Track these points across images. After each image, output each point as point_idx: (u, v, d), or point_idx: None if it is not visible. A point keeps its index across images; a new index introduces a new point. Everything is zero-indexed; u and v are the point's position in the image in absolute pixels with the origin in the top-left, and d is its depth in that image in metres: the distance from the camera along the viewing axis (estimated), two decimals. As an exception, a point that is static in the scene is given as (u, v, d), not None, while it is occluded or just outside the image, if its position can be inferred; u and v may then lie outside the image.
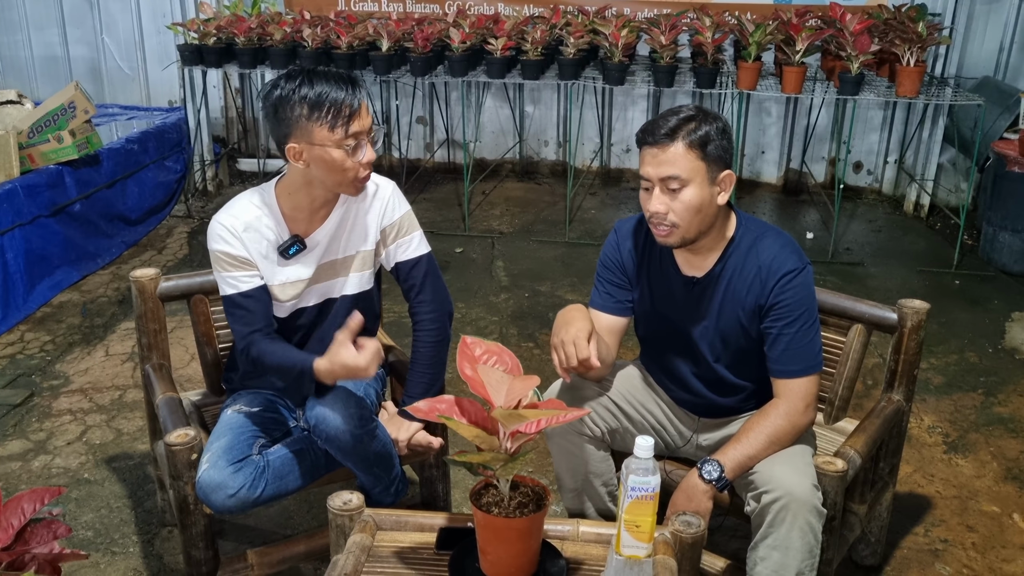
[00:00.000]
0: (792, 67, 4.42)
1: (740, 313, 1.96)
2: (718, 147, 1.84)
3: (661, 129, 1.83)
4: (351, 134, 1.88)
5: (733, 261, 1.96)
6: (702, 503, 1.87)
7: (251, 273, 1.99)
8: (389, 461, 2.05)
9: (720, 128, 1.85)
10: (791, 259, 1.92)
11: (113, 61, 5.85)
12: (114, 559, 2.44)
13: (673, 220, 1.86)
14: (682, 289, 2.02)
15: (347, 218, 2.06)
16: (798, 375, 1.93)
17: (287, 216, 2.01)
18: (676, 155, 1.82)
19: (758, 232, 1.97)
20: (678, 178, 1.83)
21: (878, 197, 5.62)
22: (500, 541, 1.54)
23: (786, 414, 1.92)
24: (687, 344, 2.06)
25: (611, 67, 4.62)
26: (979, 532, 2.60)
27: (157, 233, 4.96)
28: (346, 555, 1.65)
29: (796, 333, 1.92)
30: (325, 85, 1.87)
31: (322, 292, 2.10)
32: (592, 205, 5.48)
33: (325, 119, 1.86)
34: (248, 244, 1.98)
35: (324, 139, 1.87)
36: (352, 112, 1.87)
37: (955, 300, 4.18)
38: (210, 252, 2.00)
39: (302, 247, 2.01)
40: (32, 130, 4.11)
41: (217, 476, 1.89)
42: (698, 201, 1.85)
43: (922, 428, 3.12)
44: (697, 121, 1.83)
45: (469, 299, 4.07)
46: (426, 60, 4.76)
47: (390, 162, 6.05)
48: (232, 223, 1.97)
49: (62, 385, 3.33)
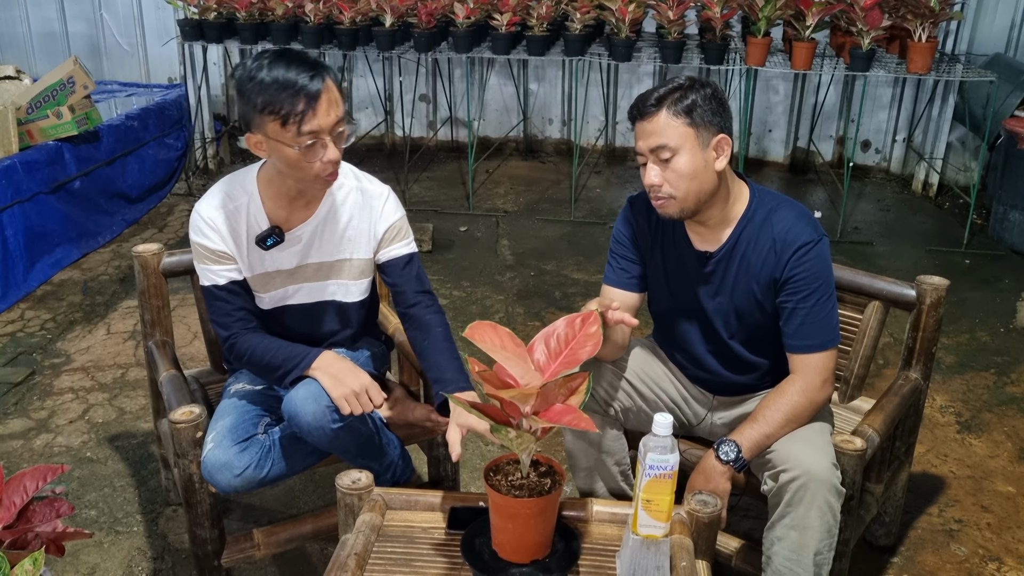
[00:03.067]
0: (802, 43, 4.35)
1: (755, 287, 1.92)
2: (705, 111, 1.80)
3: (648, 101, 1.81)
4: (305, 132, 1.71)
5: (747, 234, 1.91)
6: (720, 484, 1.84)
7: (229, 267, 1.92)
8: (378, 449, 1.99)
9: (708, 94, 1.81)
10: (806, 231, 1.88)
11: (112, 37, 5.77)
12: (118, 538, 2.41)
13: (669, 191, 1.83)
14: (695, 264, 1.97)
15: (336, 219, 1.95)
16: (814, 350, 1.89)
17: (267, 205, 1.91)
18: (662, 124, 1.79)
19: (772, 204, 1.93)
20: (667, 147, 1.80)
21: (886, 176, 5.57)
22: (514, 521, 1.51)
23: (803, 391, 1.88)
24: (701, 320, 2.02)
25: (617, 43, 4.56)
26: (994, 512, 2.57)
27: (158, 211, 4.91)
28: (356, 534, 1.62)
29: (812, 307, 1.88)
30: (284, 73, 1.68)
31: (311, 293, 2.01)
32: (597, 184, 5.43)
33: (277, 113, 1.69)
34: (227, 236, 1.89)
35: (277, 135, 1.72)
36: (307, 107, 1.69)
37: (965, 280, 4.14)
38: (191, 242, 1.94)
39: (279, 239, 1.91)
40: (31, 105, 4.05)
41: (223, 456, 1.85)
42: (691, 168, 1.81)
43: (935, 408, 3.08)
44: (683, 89, 1.80)
45: (474, 278, 4.02)
46: (430, 36, 4.69)
47: (392, 140, 5.99)
48: (211, 215, 1.89)
49: (63, 363, 3.29)
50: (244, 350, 1.92)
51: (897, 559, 2.38)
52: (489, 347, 1.46)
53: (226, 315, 1.94)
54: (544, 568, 1.52)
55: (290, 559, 2.33)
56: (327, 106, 1.72)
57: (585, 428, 1.41)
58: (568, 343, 1.53)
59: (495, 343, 1.48)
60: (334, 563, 1.56)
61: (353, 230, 1.98)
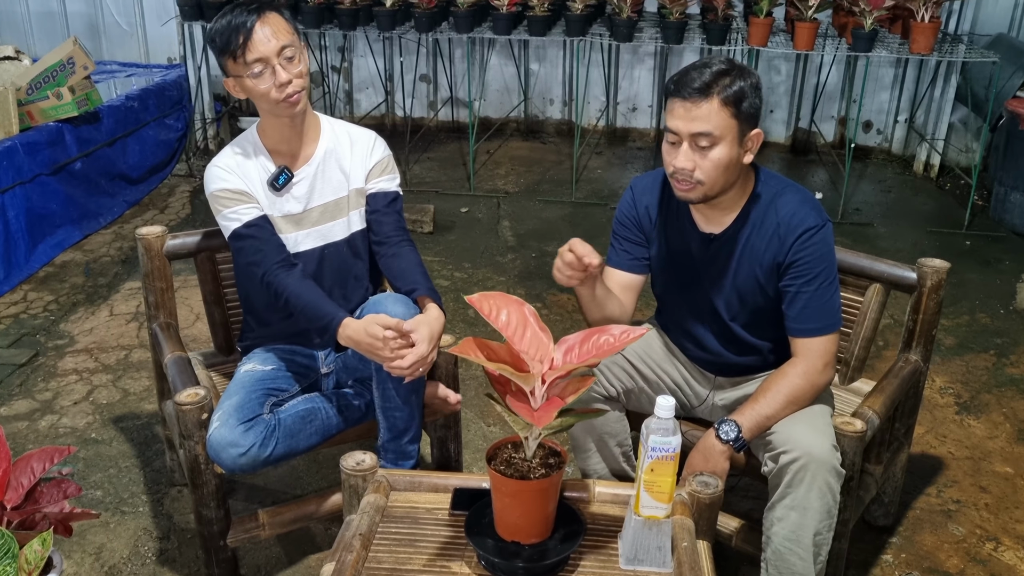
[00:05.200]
0: (804, 23, 4.33)
1: (758, 270, 1.93)
2: (751, 104, 1.79)
3: (695, 82, 1.76)
4: (252, 61, 1.90)
5: (752, 217, 1.92)
6: (719, 463, 1.85)
7: (252, 204, 2.02)
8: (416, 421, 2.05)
9: (754, 84, 1.79)
10: (811, 216, 1.88)
11: (111, 16, 5.74)
12: (124, 519, 2.43)
13: (699, 177, 1.81)
14: (700, 246, 1.98)
15: (333, 158, 2.09)
16: (816, 334, 1.90)
17: (271, 151, 2.05)
18: (710, 111, 1.76)
19: (778, 188, 1.93)
20: (710, 135, 1.77)
21: (887, 157, 5.56)
22: (516, 502, 1.52)
23: (804, 373, 1.89)
24: (704, 302, 2.03)
25: (619, 23, 4.54)
26: (992, 493, 2.59)
27: (159, 192, 4.91)
28: (360, 515, 1.63)
29: (815, 291, 1.89)
30: (229, 16, 1.91)
31: (320, 236, 2.10)
32: (598, 165, 5.42)
33: (227, 50, 1.91)
34: (244, 178, 2.02)
35: (235, 69, 1.93)
36: (246, 39, 1.88)
37: (966, 261, 4.14)
38: (208, 197, 2.03)
39: (290, 176, 2.05)
40: (31, 86, 4.04)
41: (228, 434, 1.87)
42: (727, 160, 1.80)
43: (934, 389, 3.10)
44: (732, 76, 1.77)
45: (476, 259, 4.03)
46: (431, 16, 4.67)
47: (393, 120, 5.98)
48: (225, 161, 2.04)
49: (67, 345, 3.31)
50: (283, 287, 1.98)
51: (896, 539, 2.40)
52: (506, 324, 1.47)
53: (257, 251, 2.00)
54: (546, 549, 1.53)
55: (295, 539, 2.35)
56: (265, 35, 1.90)
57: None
58: (600, 350, 1.51)
59: (519, 319, 1.48)
60: (339, 543, 1.58)
61: (349, 164, 2.11)
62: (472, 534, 1.57)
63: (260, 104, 1.98)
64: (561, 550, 1.54)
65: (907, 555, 2.35)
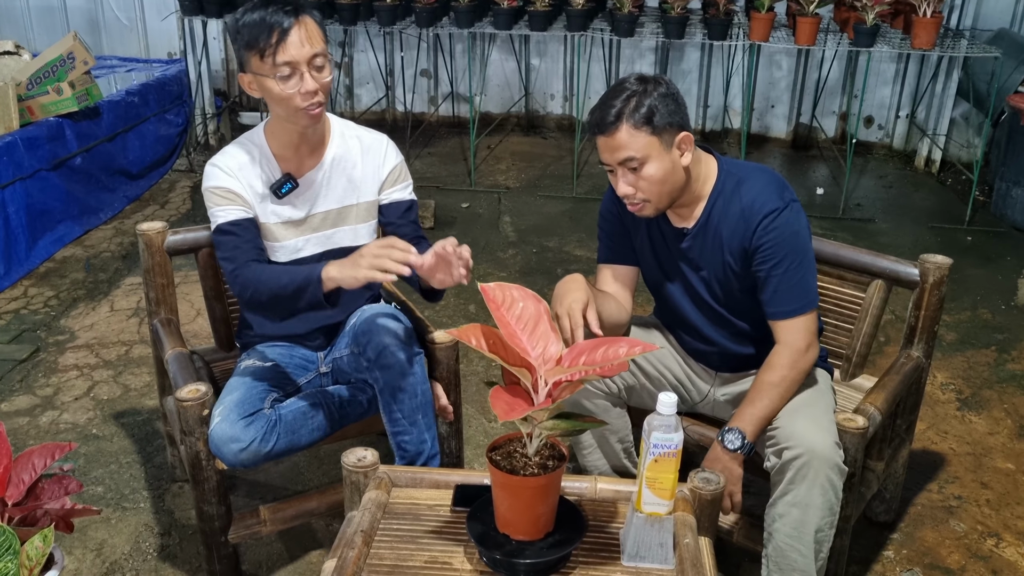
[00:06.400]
0: (806, 18, 4.32)
1: (729, 258, 1.94)
2: (664, 115, 1.81)
3: (606, 118, 1.81)
4: (280, 63, 1.83)
5: (718, 208, 1.94)
6: (733, 470, 1.88)
7: (242, 207, 1.99)
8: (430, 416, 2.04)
9: (663, 93, 1.81)
10: (772, 199, 1.89)
11: (111, 11, 5.73)
12: (125, 514, 2.43)
13: (643, 196, 1.87)
14: (675, 240, 2.01)
15: (341, 165, 2.05)
16: (793, 315, 1.90)
17: (277, 156, 2.01)
18: (625, 138, 1.81)
19: (740, 174, 1.95)
20: (634, 159, 1.82)
21: (889, 152, 5.55)
22: (517, 499, 1.52)
23: (790, 361, 1.90)
24: (691, 292, 2.04)
25: (620, 18, 4.53)
26: (993, 489, 2.59)
27: (159, 187, 4.90)
28: (362, 511, 1.63)
29: (784, 274, 1.89)
30: (261, 12, 1.83)
31: (322, 241, 2.08)
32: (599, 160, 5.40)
33: (256, 47, 1.83)
34: (243, 182, 1.98)
35: (259, 68, 1.85)
36: (280, 39, 1.81)
37: (967, 257, 4.14)
38: (204, 191, 2.00)
39: (294, 185, 2.00)
40: (31, 81, 4.03)
41: (229, 429, 1.87)
42: (661, 173, 1.84)
43: (935, 385, 3.10)
44: (637, 97, 1.80)
45: (476, 255, 3.99)
46: (431, 11, 4.66)
47: (394, 116, 5.97)
48: (227, 162, 1.99)
49: (67, 340, 3.30)
50: (250, 279, 1.93)
51: (897, 535, 2.40)
52: (520, 316, 1.47)
53: (233, 248, 1.97)
54: (548, 545, 1.53)
55: (296, 535, 2.35)
56: (300, 39, 1.83)
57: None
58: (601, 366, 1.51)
59: (534, 314, 1.48)
60: (340, 540, 1.58)
61: (359, 174, 2.06)
62: (474, 531, 1.56)
63: (277, 107, 1.92)
64: (563, 547, 1.53)
65: (908, 551, 2.35)
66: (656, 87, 1.82)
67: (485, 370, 3.10)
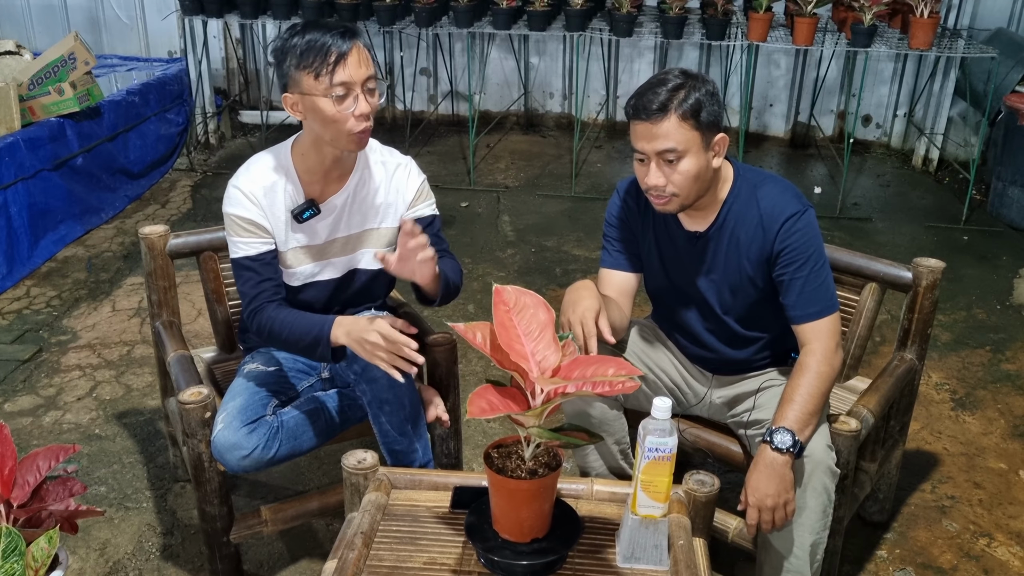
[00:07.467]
0: (804, 18, 4.34)
1: (746, 263, 1.95)
2: (710, 113, 1.81)
3: (652, 104, 1.79)
4: (337, 83, 1.82)
5: (734, 212, 1.95)
6: (787, 475, 1.81)
7: (264, 239, 1.97)
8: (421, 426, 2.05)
9: (710, 92, 1.82)
10: (791, 203, 1.91)
11: (111, 10, 5.74)
12: (128, 514, 2.46)
13: (672, 191, 1.85)
14: (686, 244, 2.01)
15: (364, 190, 2.03)
16: (820, 316, 1.90)
17: (303, 179, 1.98)
18: (670, 128, 1.79)
19: (756, 180, 1.96)
20: (675, 150, 1.80)
21: (886, 151, 5.57)
22: (513, 502, 1.54)
23: (824, 358, 1.88)
24: (696, 298, 2.05)
25: (619, 18, 4.54)
26: (986, 489, 2.62)
27: (160, 187, 4.92)
28: (362, 513, 1.66)
29: (808, 276, 1.90)
30: (316, 33, 1.83)
31: (341, 266, 2.08)
32: (598, 159, 5.43)
33: (311, 67, 1.82)
34: (266, 209, 1.96)
35: (311, 88, 1.84)
36: (338, 60, 1.81)
37: (963, 256, 4.16)
38: (225, 215, 1.97)
39: (316, 211, 1.99)
40: (32, 82, 4.05)
41: (232, 437, 1.90)
42: (696, 169, 1.83)
43: (930, 385, 3.12)
44: (687, 89, 1.80)
45: (476, 254, 4.04)
46: (431, 11, 4.68)
47: (393, 114, 5.98)
48: (251, 188, 1.95)
49: (70, 340, 3.33)
50: (265, 322, 1.95)
51: (890, 535, 2.43)
52: (529, 321, 1.49)
53: (255, 285, 1.97)
54: (544, 547, 1.55)
55: (297, 535, 2.38)
56: (357, 61, 1.84)
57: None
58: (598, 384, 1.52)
59: (543, 323, 1.50)
60: (340, 541, 1.60)
61: (382, 200, 2.06)
62: (472, 532, 1.59)
63: (323, 130, 1.88)
64: (559, 548, 1.56)
65: (901, 551, 2.38)
66: (703, 84, 1.82)
67: (484, 370, 3.12)
